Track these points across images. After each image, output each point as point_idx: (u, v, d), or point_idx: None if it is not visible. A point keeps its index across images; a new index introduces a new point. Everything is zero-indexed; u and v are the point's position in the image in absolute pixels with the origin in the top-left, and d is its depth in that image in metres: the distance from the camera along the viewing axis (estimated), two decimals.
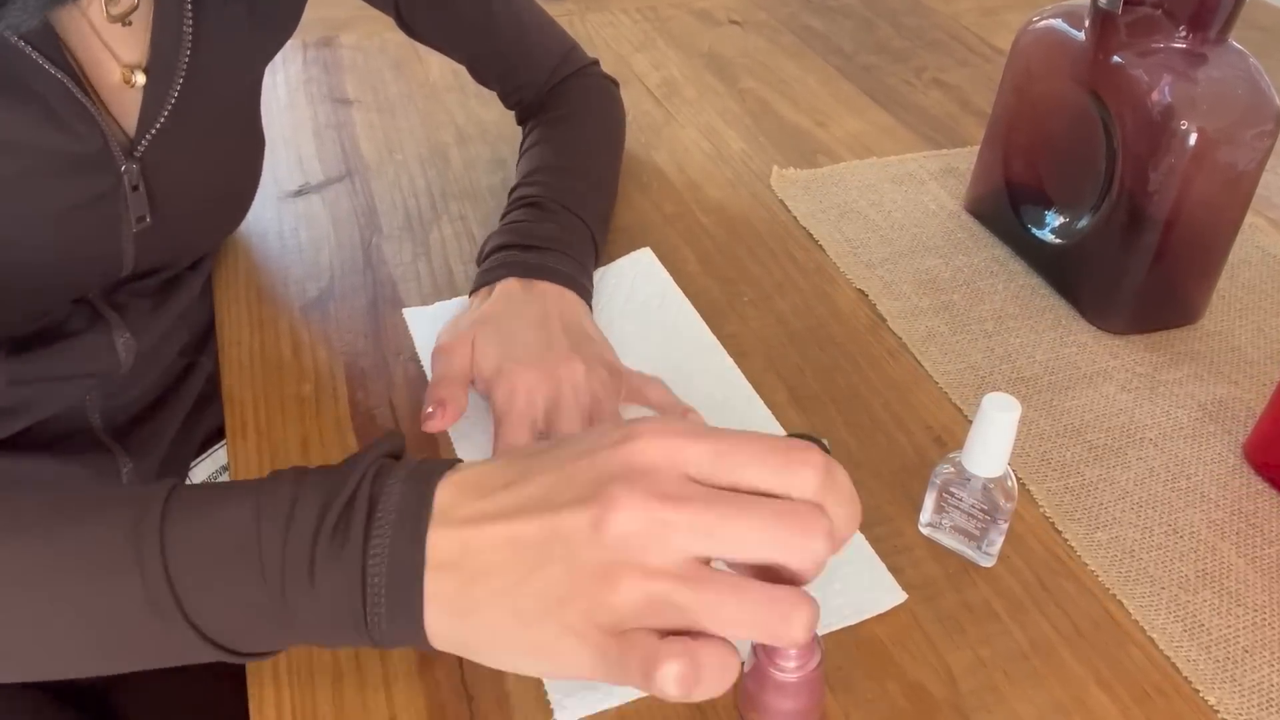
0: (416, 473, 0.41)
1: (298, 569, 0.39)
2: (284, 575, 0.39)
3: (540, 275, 0.67)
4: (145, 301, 0.68)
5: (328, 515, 0.39)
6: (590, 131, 0.82)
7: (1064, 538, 0.59)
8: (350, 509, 0.40)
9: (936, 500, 0.57)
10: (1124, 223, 0.71)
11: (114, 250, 0.61)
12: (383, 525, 0.39)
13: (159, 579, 0.39)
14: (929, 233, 0.85)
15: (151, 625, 0.40)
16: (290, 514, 0.40)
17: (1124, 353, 0.73)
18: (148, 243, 0.62)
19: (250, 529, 0.40)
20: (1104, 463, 0.64)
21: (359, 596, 0.39)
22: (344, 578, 0.39)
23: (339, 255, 0.80)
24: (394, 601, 0.39)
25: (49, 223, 0.56)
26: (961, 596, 0.56)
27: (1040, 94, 0.77)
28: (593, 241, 0.74)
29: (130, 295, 0.66)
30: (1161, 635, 0.54)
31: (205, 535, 0.40)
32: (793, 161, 0.93)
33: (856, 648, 0.53)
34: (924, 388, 0.69)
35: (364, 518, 0.39)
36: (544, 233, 0.70)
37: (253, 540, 0.39)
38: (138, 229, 0.61)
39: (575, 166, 0.77)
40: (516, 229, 0.71)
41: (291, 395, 0.67)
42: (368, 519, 0.39)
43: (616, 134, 0.87)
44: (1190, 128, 0.66)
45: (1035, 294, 0.78)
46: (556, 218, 0.72)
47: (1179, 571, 0.58)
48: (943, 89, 1.07)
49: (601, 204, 0.78)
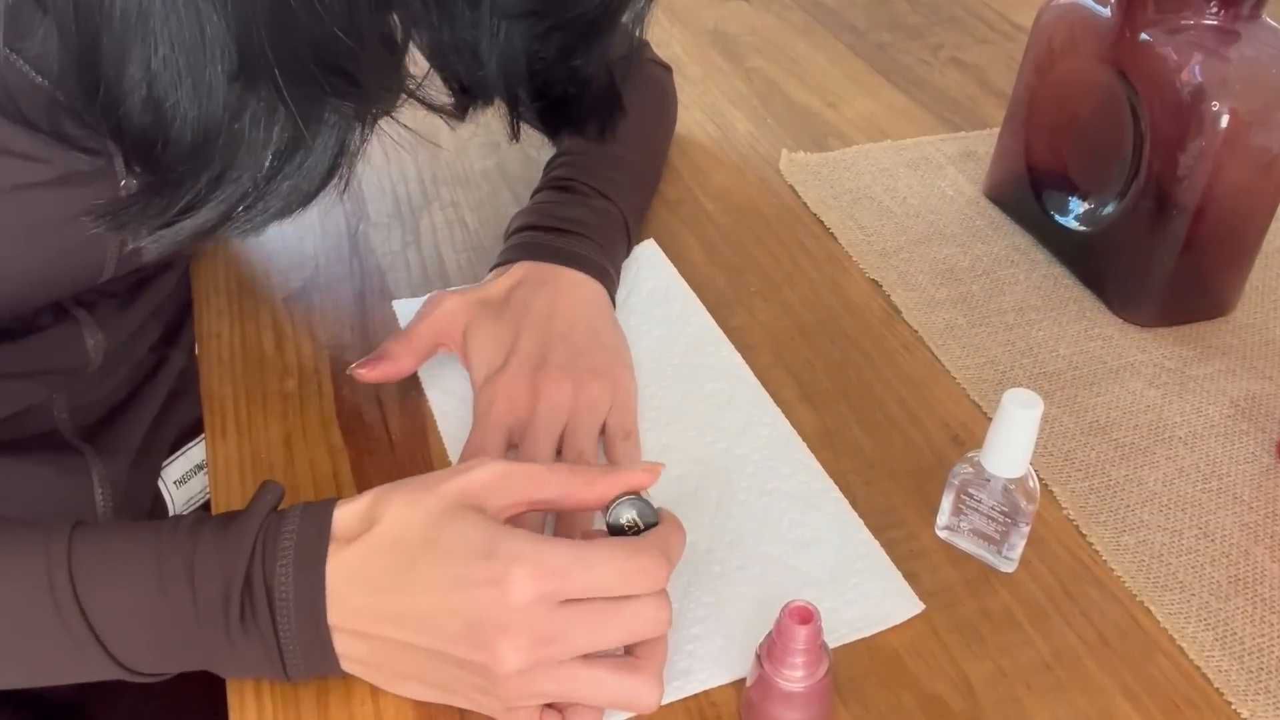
0: (302, 558, 0.47)
1: (217, 643, 0.47)
2: (207, 647, 0.47)
3: (561, 260, 0.67)
4: (116, 299, 0.67)
5: (230, 599, 0.46)
6: (633, 117, 0.82)
7: (1089, 541, 0.59)
8: (249, 593, 0.46)
9: (954, 502, 0.57)
10: (1152, 209, 0.71)
11: (97, 260, 0.61)
12: (285, 613, 0.46)
13: (82, 629, 0.46)
14: (946, 220, 0.84)
15: (73, 658, 0.47)
16: (194, 597, 0.46)
17: (1152, 346, 0.73)
18: (132, 252, 0.62)
19: (160, 602, 0.46)
20: (1131, 462, 0.64)
21: (279, 663, 0.47)
22: (262, 651, 0.47)
23: (324, 243, 0.80)
24: (312, 667, 0.48)
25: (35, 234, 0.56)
26: (981, 604, 0.55)
27: (1064, 73, 0.77)
28: (625, 230, 0.74)
29: (100, 294, 0.66)
30: (1192, 644, 0.54)
31: (121, 598, 0.46)
32: (802, 145, 0.93)
33: (869, 657, 0.52)
34: (941, 383, 0.69)
35: (266, 606, 0.46)
36: (572, 215, 0.70)
37: (167, 614, 0.46)
38: (131, 245, 0.61)
39: (613, 151, 0.77)
40: (544, 209, 0.71)
41: (274, 391, 0.67)
42: (270, 606, 0.46)
43: (664, 123, 0.86)
44: (1222, 109, 0.65)
45: (1058, 284, 0.78)
46: (589, 201, 0.72)
47: (1210, 577, 0.57)
48: (961, 68, 1.07)
49: (638, 192, 0.78)
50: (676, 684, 0.51)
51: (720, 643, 0.53)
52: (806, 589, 0.55)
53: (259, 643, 0.47)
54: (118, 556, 0.47)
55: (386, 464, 0.62)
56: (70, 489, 0.66)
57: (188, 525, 0.48)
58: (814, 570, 0.56)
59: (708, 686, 0.51)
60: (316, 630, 0.46)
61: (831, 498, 0.60)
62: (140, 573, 0.47)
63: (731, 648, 0.52)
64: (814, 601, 0.45)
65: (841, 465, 0.63)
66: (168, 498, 0.73)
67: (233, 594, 0.46)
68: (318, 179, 0.48)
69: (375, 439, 0.64)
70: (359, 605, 0.47)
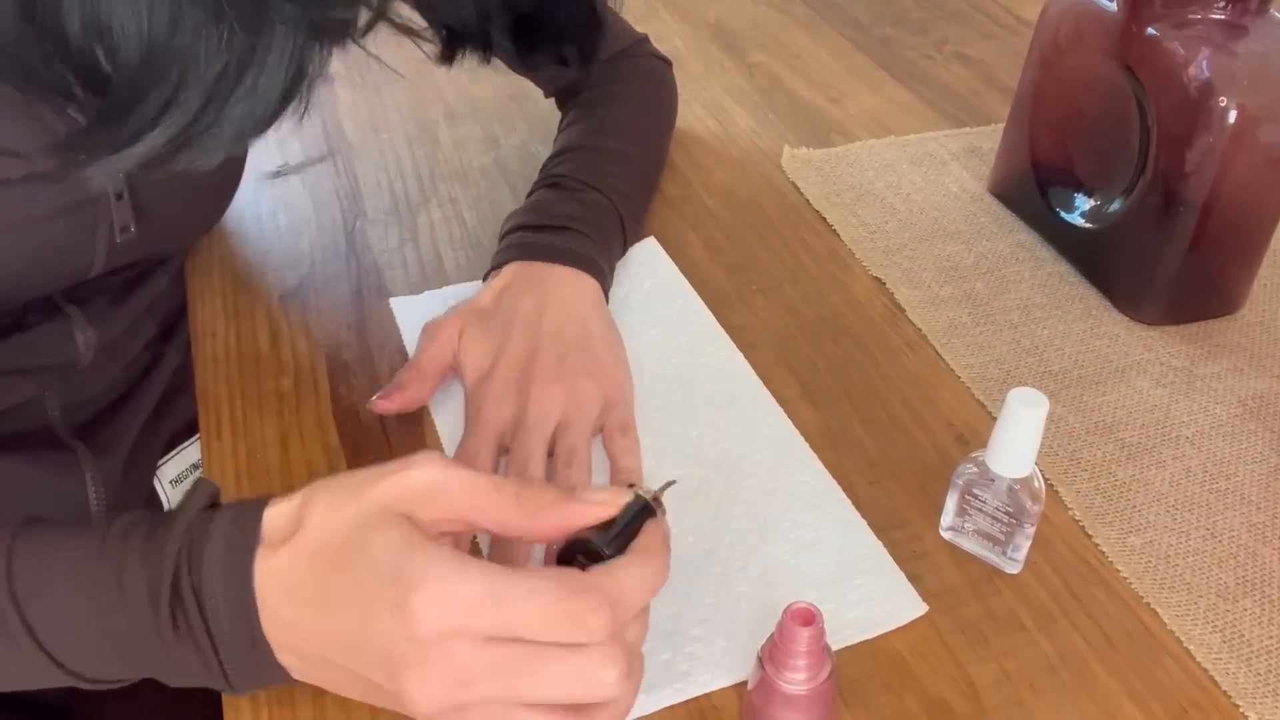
0: (230, 565, 0.44)
1: (154, 652, 0.45)
2: (145, 656, 0.46)
3: (550, 258, 0.67)
4: (108, 296, 0.67)
5: (160, 608, 0.44)
6: (629, 111, 0.81)
7: (1095, 542, 0.59)
8: (179, 602, 0.44)
9: (959, 503, 0.57)
10: (1159, 206, 0.71)
11: (86, 254, 0.60)
12: (218, 623, 0.44)
13: (22, 632, 0.45)
14: (950, 217, 0.84)
15: (21, 663, 0.46)
16: (125, 605, 0.45)
17: (1159, 345, 0.73)
18: (122, 247, 0.62)
19: (94, 609, 0.45)
20: (1137, 462, 0.64)
21: (220, 675, 0.45)
22: (201, 663, 0.45)
23: (320, 241, 0.80)
24: (257, 678, 0.46)
25: (22, 228, 0.56)
26: (985, 605, 0.55)
27: (1070, 68, 0.76)
28: (620, 223, 0.73)
29: (92, 291, 0.66)
30: (1199, 647, 0.54)
31: (57, 603, 0.45)
32: (805, 141, 0.93)
33: (872, 659, 0.52)
34: (945, 382, 0.69)
35: (199, 616, 0.44)
36: (563, 211, 0.70)
37: (101, 621, 0.45)
38: (121, 239, 0.61)
39: (608, 146, 0.77)
40: (534, 207, 0.71)
41: (269, 390, 0.66)
42: (202, 616, 0.44)
43: (663, 117, 0.86)
44: (1229, 104, 0.65)
45: (1064, 282, 0.78)
46: (580, 196, 0.72)
47: (1217, 578, 0.57)
48: (965, 63, 1.07)
49: (636, 187, 0.78)
50: (677, 686, 0.51)
51: (721, 644, 0.53)
52: (809, 590, 0.55)
53: (196, 654, 0.45)
54: (58, 558, 0.46)
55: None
56: (63, 488, 0.65)
57: (121, 528, 0.46)
58: (816, 571, 0.56)
59: (709, 689, 0.51)
60: (253, 641, 0.44)
61: (834, 498, 0.60)
62: (76, 574, 0.45)
63: (733, 649, 0.52)
64: (816, 603, 0.45)
65: (844, 465, 0.63)
66: (163, 497, 0.73)
67: (161, 603, 0.44)
68: (272, 102, 0.45)
69: (372, 439, 0.64)
70: (289, 619, 0.44)
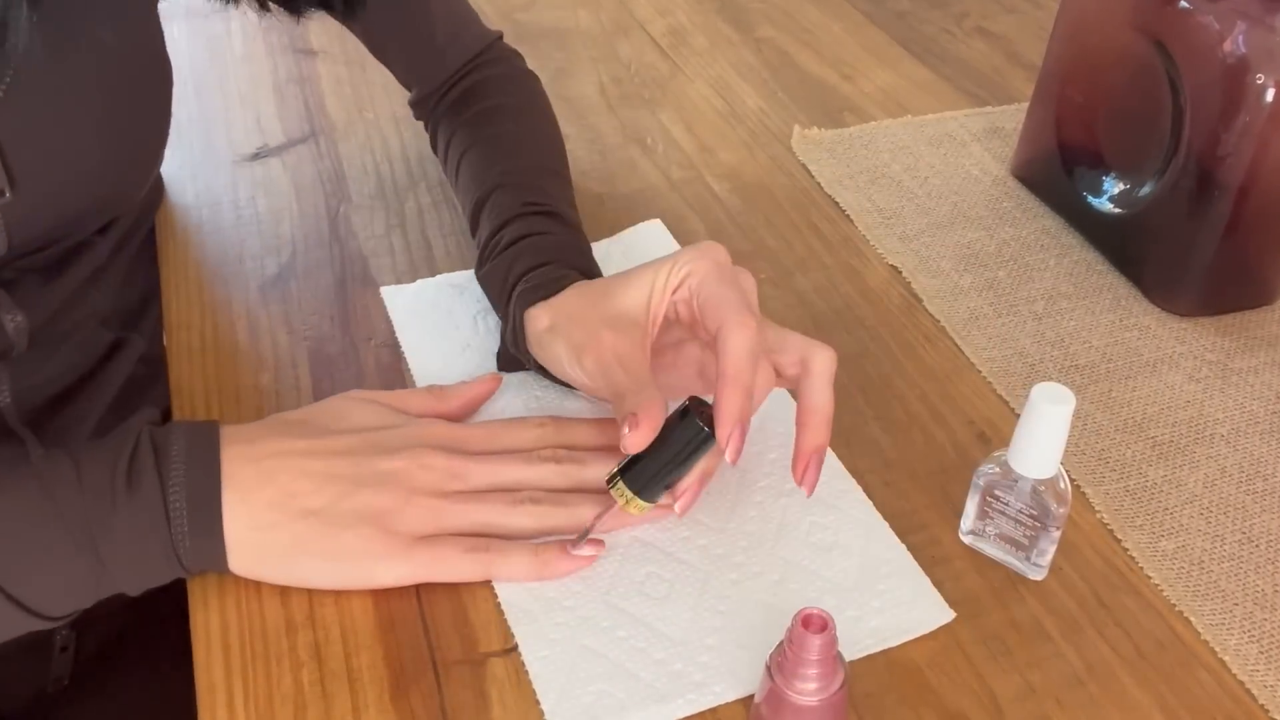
0: (195, 423, 0.54)
1: (102, 519, 0.50)
2: (91, 530, 0.50)
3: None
4: (39, 274, 0.65)
5: (118, 466, 0.50)
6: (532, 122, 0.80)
7: (1124, 547, 0.59)
8: (136, 457, 0.51)
9: (980, 505, 0.57)
10: (1192, 190, 0.71)
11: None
12: (176, 462, 0.51)
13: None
14: (971, 201, 0.84)
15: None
16: (78, 479, 0.50)
17: (1192, 337, 0.73)
18: (18, 217, 0.59)
19: (46, 504, 0.50)
20: (1169, 462, 0.64)
21: (164, 524, 0.50)
22: (147, 513, 0.50)
23: (302, 227, 0.79)
24: (196, 521, 0.51)
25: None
26: (1008, 614, 0.55)
27: (1097, 44, 0.76)
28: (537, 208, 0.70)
29: (20, 270, 0.64)
30: (1235, 658, 0.54)
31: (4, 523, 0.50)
32: (816, 120, 0.93)
33: (889, 671, 0.52)
34: (965, 377, 0.69)
35: (152, 461, 0.51)
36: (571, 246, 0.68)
37: (52, 512, 0.49)
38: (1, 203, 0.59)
39: (544, 164, 0.75)
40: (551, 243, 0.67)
41: (248, 385, 0.66)
42: (156, 459, 0.51)
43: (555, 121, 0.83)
44: (1267, 82, 0.65)
45: (1091, 270, 0.78)
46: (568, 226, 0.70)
47: (1254, 585, 0.57)
48: (987, 38, 1.07)
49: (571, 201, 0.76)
50: (691, 697, 0.51)
51: (736, 653, 0.53)
52: (828, 596, 0.55)
53: (142, 503, 0.50)
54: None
55: None
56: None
57: (60, 449, 0.52)
58: (836, 576, 0.56)
59: (723, 700, 0.51)
60: (206, 464, 0.52)
61: (855, 499, 0.60)
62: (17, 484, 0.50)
63: (749, 659, 0.52)
64: (837, 609, 0.45)
65: (859, 465, 0.62)
66: None
67: (119, 462, 0.51)
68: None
69: None
70: (266, 449, 0.54)
